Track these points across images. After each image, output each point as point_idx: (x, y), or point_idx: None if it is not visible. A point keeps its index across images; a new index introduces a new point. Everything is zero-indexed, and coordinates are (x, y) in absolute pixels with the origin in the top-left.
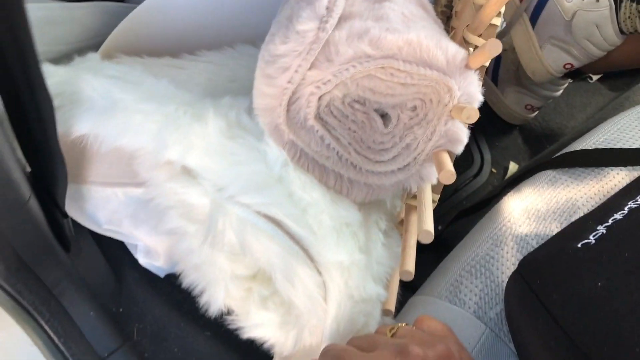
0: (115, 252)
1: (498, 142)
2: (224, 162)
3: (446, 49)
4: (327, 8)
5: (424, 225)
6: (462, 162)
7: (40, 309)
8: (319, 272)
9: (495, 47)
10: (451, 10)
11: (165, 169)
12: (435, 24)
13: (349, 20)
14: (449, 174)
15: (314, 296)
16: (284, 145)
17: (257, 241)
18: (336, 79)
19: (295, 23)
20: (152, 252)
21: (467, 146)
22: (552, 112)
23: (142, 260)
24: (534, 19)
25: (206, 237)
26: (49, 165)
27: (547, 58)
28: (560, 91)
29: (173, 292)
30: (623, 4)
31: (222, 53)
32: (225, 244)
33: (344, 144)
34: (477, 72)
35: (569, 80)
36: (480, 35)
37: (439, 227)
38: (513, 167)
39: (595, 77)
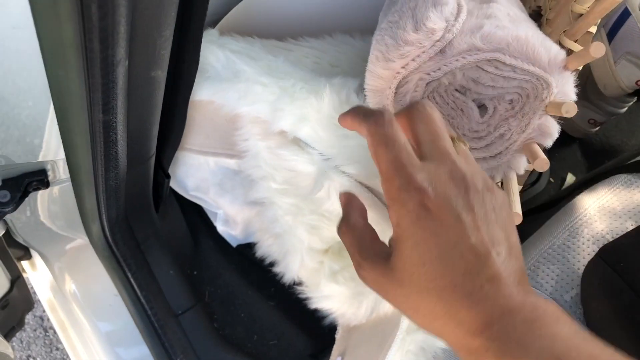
0: (193, 218)
1: (558, 153)
2: (333, 135)
3: (549, 49)
4: (453, 14)
5: (513, 208)
6: None
7: (129, 262)
8: None
9: (598, 50)
10: (537, 19)
11: (276, 139)
12: (536, 26)
13: None
14: (543, 162)
15: None
16: None
17: None
18: (446, 67)
19: (425, 19)
20: (230, 221)
21: None
22: (614, 128)
23: (221, 227)
24: (612, 34)
25: (308, 196)
26: (172, 126)
27: (620, 73)
28: (625, 109)
29: (243, 262)
30: None
31: (322, 40)
32: (321, 205)
33: None
34: (573, 73)
35: (635, 99)
36: (576, 41)
37: None
38: (570, 178)
39: None
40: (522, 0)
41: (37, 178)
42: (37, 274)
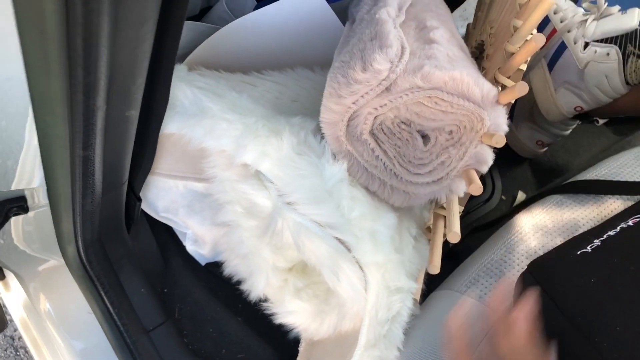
0: (164, 238)
1: (509, 172)
2: (290, 174)
3: (482, 86)
4: (397, 56)
5: (453, 227)
6: None
7: (102, 280)
8: (361, 268)
9: (522, 89)
10: (480, 52)
11: (238, 170)
12: (473, 65)
13: None
14: (477, 187)
15: (357, 287)
16: (342, 153)
17: (310, 241)
18: (391, 104)
19: (372, 61)
20: (199, 240)
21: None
22: (560, 149)
23: (190, 247)
24: (551, 64)
25: (265, 233)
26: (143, 155)
27: (560, 100)
28: (569, 131)
29: (211, 279)
30: (630, 59)
31: (284, 74)
32: (277, 240)
33: (389, 157)
34: (505, 107)
35: (578, 122)
36: (509, 77)
37: (450, 244)
38: (521, 195)
39: (601, 121)
40: (469, 34)
41: (17, 204)
42: (10, 294)
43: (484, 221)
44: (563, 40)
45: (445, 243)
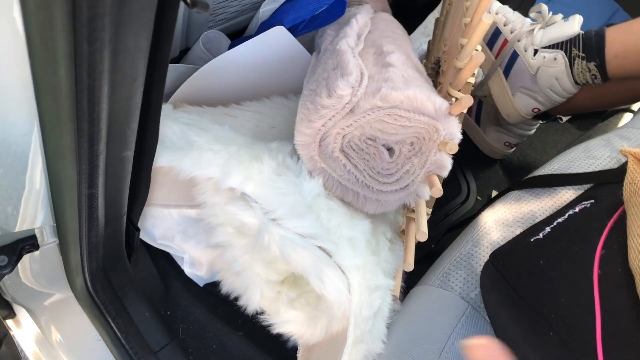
0: (162, 264)
1: (482, 174)
2: (272, 193)
3: (434, 101)
4: (357, 81)
5: (421, 227)
6: (451, 191)
7: (108, 308)
8: (343, 272)
9: (467, 102)
10: (438, 68)
11: (226, 194)
12: (427, 83)
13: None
14: (438, 190)
15: (341, 289)
16: (317, 171)
17: (294, 252)
18: (356, 123)
19: (335, 88)
20: (196, 263)
21: (456, 177)
22: (528, 148)
23: (188, 270)
24: (507, 71)
25: (254, 248)
26: (139, 188)
27: (518, 103)
28: (533, 130)
29: (210, 299)
30: (575, 61)
31: (261, 103)
32: (266, 254)
33: (360, 170)
34: (457, 117)
35: (540, 121)
36: (459, 90)
37: (433, 245)
38: (495, 194)
39: (565, 118)
40: (429, 51)
41: (29, 242)
42: (21, 330)
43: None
44: (514, 49)
45: (428, 244)
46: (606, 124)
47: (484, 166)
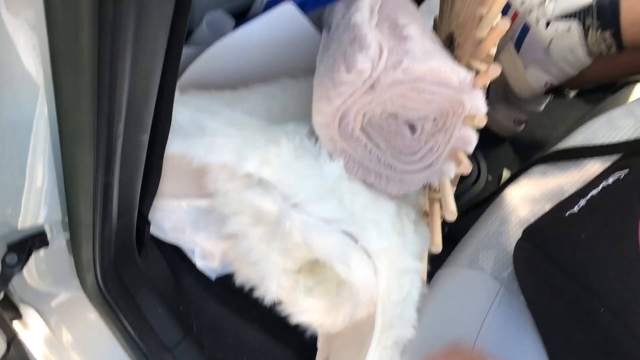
0: (173, 259)
1: (492, 153)
2: (292, 177)
3: (458, 73)
4: (376, 55)
5: (450, 207)
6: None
7: (120, 304)
8: (369, 256)
9: (495, 70)
10: (451, 43)
11: (241, 181)
12: (447, 54)
13: None
14: (466, 166)
15: (368, 274)
16: (337, 152)
17: (318, 237)
18: (377, 99)
19: (355, 62)
20: (208, 255)
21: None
22: (537, 125)
23: (200, 262)
24: (518, 45)
25: (275, 236)
26: (150, 178)
27: (530, 77)
28: (543, 106)
29: (223, 292)
30: (590, 31)
31: (271, 86)
32: (286, 241)
33: (382, 149)
34: (481, 89)
35: (550, 96)
36: (481, 62)
37: (446, 228)
38: (506, 173)
39: (572, 93)
40: (437, 27)
41: (39, 239)
42: (29, 332)
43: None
44: (526, 21)
45: (443, 226)
46: (617, 96)
47: (493, 145)
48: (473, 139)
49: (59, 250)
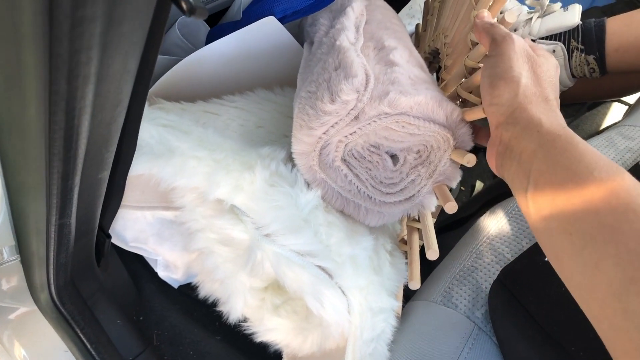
0: (134, 266)
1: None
2: (265, 206)
3: (446, 108)
4: (362, 85)
5: (431, 245)
6: None
7: (77, 319)
8: (344, 293)
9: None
10: (433, 57)
11: (212, 206)
12: (434, 85)
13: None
14: (452, 206)
15: (341, 311)
16: (316, 181)
17: (291, 271)
18: (361, 131)
19: (339, 92)
20: (171, 266)
21: None
22: None
23: (162, 273)
24: None
25: (246, 265)
26: (112, 197)
27: None
28: None
29: (186, 301)
30: (574, 54)
31: (245, 98)
32: (258, 271)
33: (362, 180)
34: (469, 124)
35: None
36: (471, 92)
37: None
38: (479, 184)
39: None
40: (419, 37)
41: None
42: None
43: (446, 214)
44: None
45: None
46: (594, 113)
47: None
48: (457, 176)
49: (12, 267)
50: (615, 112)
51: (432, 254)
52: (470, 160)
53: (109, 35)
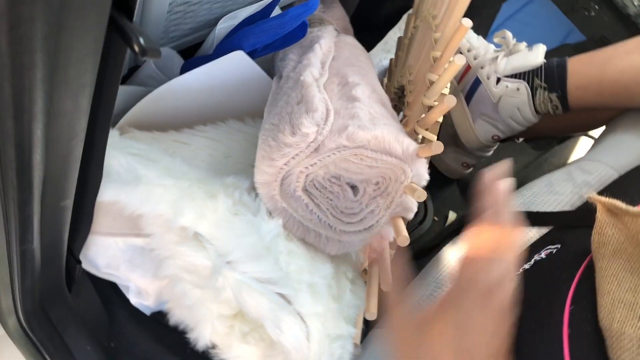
0: (106, 292)
1: (439, 194)
2: (228, 234)
3: (402, 142)
4: (322, 119)
5: (386, 278)
6: None
7: (46, 344)
8: (302, 320)
9: (438, 148)
10: (400, 95)
11: (177, 233)
12: (394, 120)
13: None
14: (404, 239)
15: (299, 338)
16: (277, 210)
17: (251, 297)
18: (321, 162)
19: (300, 125)
20: (142, 292)
21: None
22: (485, 168)
23: (134, 299)
24: (468, 98)
25: (210, 292)
26: (81, 224)
27: (478, 130)
28: (491, 152)
29: (157, 328)
30: (537, 91)
31: (216, 128)
32: (220, 295)
33: (323, 210)
34: (425, 158)
35: (498, 143)
36: (427, 129)
37: None
38: (452, 215)
39: (521, 139)
40: (392, 72)
41: None
42: None
43: (420, 242)
44: (477, 76)
45: None
46: (563, 147)
47: (440, 186)
48: (413, 206)
49: None
50: (582, 146)
51: (386, 285)
52: (420, 195)
53: (55, 79)
